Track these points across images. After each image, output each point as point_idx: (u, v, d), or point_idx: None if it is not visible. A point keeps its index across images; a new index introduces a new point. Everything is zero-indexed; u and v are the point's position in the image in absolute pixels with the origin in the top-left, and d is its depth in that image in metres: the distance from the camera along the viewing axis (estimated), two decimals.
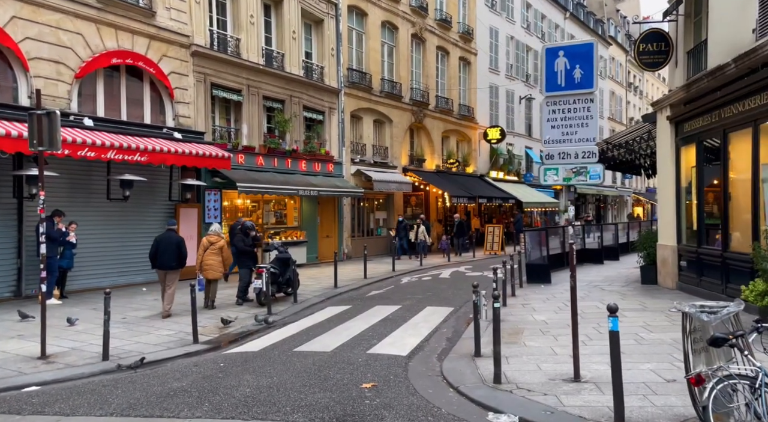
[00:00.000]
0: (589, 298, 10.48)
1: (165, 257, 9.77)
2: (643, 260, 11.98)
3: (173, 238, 9.97)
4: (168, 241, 9.86)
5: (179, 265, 9.95)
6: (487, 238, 22.54)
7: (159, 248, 9.83)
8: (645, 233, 12.53)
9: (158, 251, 9.82)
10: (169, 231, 10.13)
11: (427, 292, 12.30)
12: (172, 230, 10.21)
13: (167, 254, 9.75)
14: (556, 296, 11.07)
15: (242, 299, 11.28)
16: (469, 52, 27.96)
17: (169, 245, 9.81)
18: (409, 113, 23.70)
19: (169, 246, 9.79)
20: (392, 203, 22.98)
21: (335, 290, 12.97)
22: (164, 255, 9.77)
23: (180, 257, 9.87)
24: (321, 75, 19.57)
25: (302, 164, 18.43)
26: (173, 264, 9.84)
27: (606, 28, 46.48)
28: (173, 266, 9.85)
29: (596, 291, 11.40)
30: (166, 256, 9.76)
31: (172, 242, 9.86)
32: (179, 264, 9.94)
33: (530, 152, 33.76)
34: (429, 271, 16.71)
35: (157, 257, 9.84)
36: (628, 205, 51.29)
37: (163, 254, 9.77)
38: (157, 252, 9.82)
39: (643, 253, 12.02)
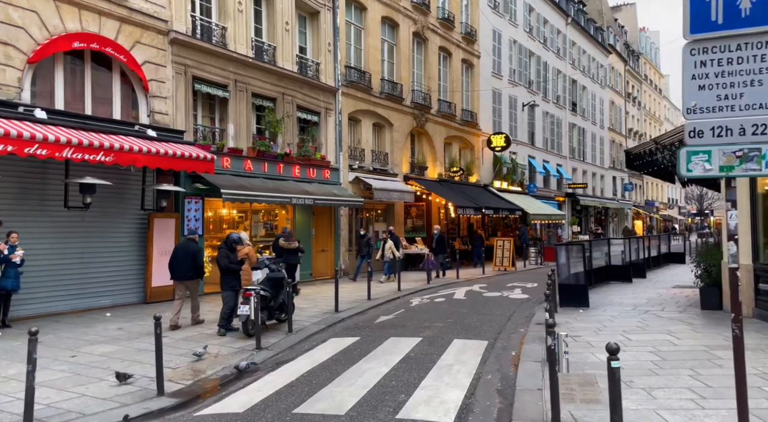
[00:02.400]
0: (652, 329, 8.61)
1: (182, 267, 9.56)
2: (701, 281, 10.16)
3: (190, 248, 9.71)
4: (185, 250, 9.64)
5: (197, 275, 9.81)
6: (496, 253, 20.68)
7: (176, 257, 9.63)
8: (705, 248, 10.72)
9: (175, 261, 9.62)
10: (188, 240, 9.94)
11: (446, 318, 10.35)
12: (192, 240, 9.93)
13: (184, 264, 9.51)
14: (606, 324, 9.19)
15: (225, 328, 9.28)
16: (472, 54, 26.36)
17: (186, 254, 9.57)
18: (410, 117, 21.92)
19: (186, 256, 9.56)
20: (392, 213, 21.07)
21: (337, 315, 10.98)
22: (181, 265, 9.56)
23: (196, 267, 9.66)
24: (316, 72, 17.73)
25: (295, 169, 16.49)
26: (190, 274, 9.66)
27: (606, 37, 45.42)
28: (190, 276, 9.68)
29: (652, 319, 9.54)
30: (183, 266, 9.53)
31: (189, 252, 9.61)
32: (196, 274, 9.79)
33: (533, 161, 32.16)
34: (439, 290, 14.77)
35: (174, 267, 9.65)
36: (628, 218, 49.89)
37: (180, 264, 9.57)
38: (174, 262, 9.63)
39: (700, 271, 10.19)
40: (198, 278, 9.95)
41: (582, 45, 40.64)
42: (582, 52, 40.61)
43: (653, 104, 61.10)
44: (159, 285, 12.38)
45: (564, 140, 37.26)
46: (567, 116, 37.84)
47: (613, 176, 46.85)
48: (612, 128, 46.72)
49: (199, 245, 10.46)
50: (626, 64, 50.79)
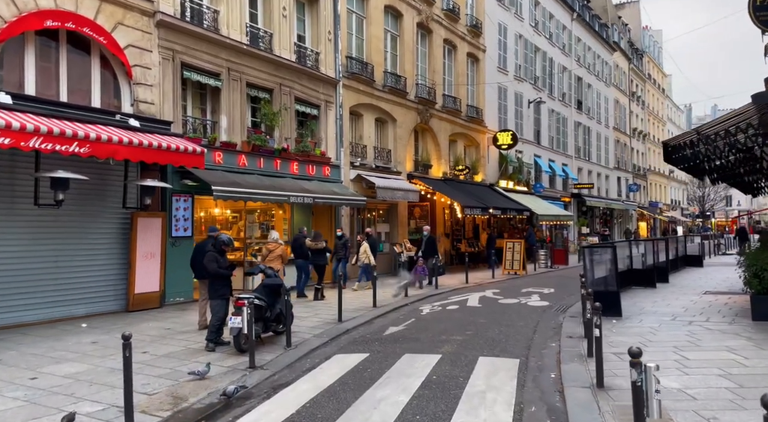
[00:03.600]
0: (706, 345, 7.48)
1: (201, 266, 8.90)
2: (750, 287, 9.03)
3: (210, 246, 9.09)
4: (204, 249, 8.94)
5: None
6: (506, 255, 19.54)
7: (197, 256, 9.26)
8: (755, 249, 9.59)
9: (196, 259, 9.29)
10: (208, 238, 9.55)
11: (464, 330, 9.20)
12: (213, 237, 9.27)
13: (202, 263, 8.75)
14: (649, 338, 8.06)
15: (214, 342, 8.12)
16: (477, 47, 25.26)
17: (205, 253, 8.73)
18: (414, 112, 20.79)
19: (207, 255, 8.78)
20: (396, 214, 19.92)
21: (340, 325, 9.82)
22: (200, 264, 8.96)
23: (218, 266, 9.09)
24: (316, 62, 16.58)
25: (293, 165, 15.33)
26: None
27: (610, 34, 44.43)
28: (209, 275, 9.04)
29: (701, 332, 8.41)
30: (202, 265, 8.78)
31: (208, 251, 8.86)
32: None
33: (539, 160, 31.08)
34: (449, 296, 13.62)
35: (195, 265, 9.38)
36: (633, 219, 48.87)
37: (199, 263, 9.07)
38: (195, 261, 9.33)
39: (749, 276, 9.06)
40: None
41: (587, 41, 39.63)
42: (587, 48, 39.60)
43: (656, 104, 60.14)
44: (143, 292, 11.21)
45: (570, 139, 36.20)
46: (572, 115, 36.79)
47: (618, 176, 45.83)
48: (617, 128, 45.71)
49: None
50: (630, 62, 49.82)
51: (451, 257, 22.37)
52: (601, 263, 11.09)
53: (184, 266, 12.01)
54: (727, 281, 15.94)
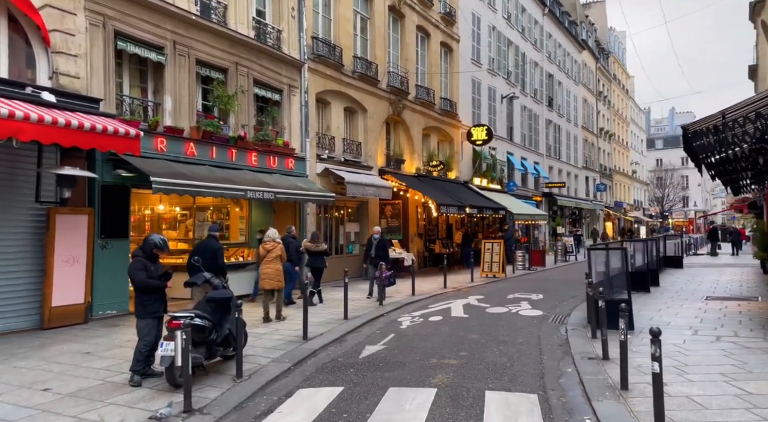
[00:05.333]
0: (757, 369, 6.12)
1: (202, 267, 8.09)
2: None
3: (211, 246, 8.96)
4: (205, 249, 8.81)
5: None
6: (484, 257, 18.15)
7: (196, 257, 8.38)
8: None
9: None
10: (210, 238, 9.21)
11: (456, 350, 7.63)
12: (213, 237, 9.22)
13: (204, 264, 8.11)
14: (680, 360, 6.69)
15: (141, 372, 6.30)
16: (451, 37, 23.87)
17: (207, 254, 8.56)
18: (386, 103, 19.18)
19: (206, 255, 8.49)
20: (366, 212, 18.27)
21: (306, 345, 8.10)
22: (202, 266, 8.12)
23: (217, 268, 8.51)
24: (278, 41, 14.75)
25: (252, 156, 13.47)
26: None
27: (579, 32, 44.00)
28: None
29: (738, 350, 7.09)
30: (204, 266, 8.08)
31: (209, 251, 8.77)
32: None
33: (512, 158, 29.99)
34: (430, 305, 12.05)
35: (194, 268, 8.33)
36: (600, 219, 48.69)
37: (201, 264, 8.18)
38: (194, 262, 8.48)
39: None
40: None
41: (558, 38, 38.95)
42: (558, 45, 38.93)
43: (621, 104, 60.47)
44: (63, 305, 9.19)
45: (541, 136, 35.35)
46: (544, 112, 35.97)
47: (586, 176, 45.48)
48: (585, 127, 45.33)
49: (219, 244, 9.36)
50: (597, 61, 49.66)
51: (425, 259, 20.87)
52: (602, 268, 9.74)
53: (117, 274, 10.07)
54: (719, 284, 14.99)
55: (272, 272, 9.81)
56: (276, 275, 9.82)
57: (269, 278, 9.79)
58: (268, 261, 9.88)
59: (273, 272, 9.81)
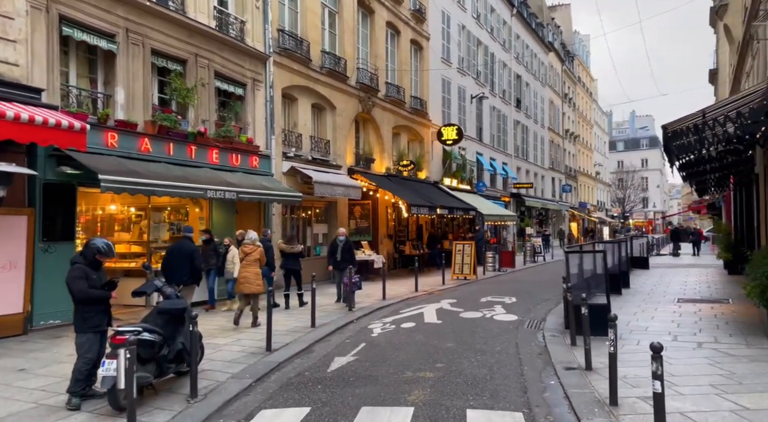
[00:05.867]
0: (748, 381, 5.83)
1: (176, 270, 8.60)
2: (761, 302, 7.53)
3: (186, 248, 8.88)
4: (180, 251, 8.79)
5: (192, 280, 8.88)
6: (455, 258, 17.79)
7: (170, 260, 8.86)
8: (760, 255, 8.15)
9: (170, 262, 8.84)
10: (183, 239, 9.16)
11: (432, 361, 7.14)
12: (188, 238, 9.19)
13: (179, 266, 8.52)
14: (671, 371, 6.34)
15: (80, 394, 5.59)
16: (421, 35, 23.48)
17: (181, 256, 8.68)
18: (355, 100, 18.62)
19: (181, 257, 8.67)
20: (334, 213, 17.66)
21: (269, 357, 7.48)
22: (175, 268, 8.64)
23: (193, 270, 8.72)
24: (241, 32, 14.00)
25: (213, 154, 12.71)
26: (185, 279, 8.62)
27: (545, 34, 44.41)
28: (185, 281, 8.60)
29: (722, 358, 6.85)
30: (178, 269, 8.54)
31: (184, 253, 8.74)
32: (192, 279, 8.86)
33: (481, 158, 29.88)
34: (401, 310, 11.55)
35: (168, 270, 8.71)
36: (565, 219, 49.32)
37: (174, 267, 8.68)
38: (168, 265, 8.84)
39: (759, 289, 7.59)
40: (194, 283, 8.89)
41: (525, 40, 39.15)
42: (525, 46, 39.13)
43: (585, 107, 61.51)
44: None
45: (510, 137, 35.41)
46: (512, 113, 36.06)
47: (552, 176, 45.97)
48: (551, 128, 45.81)
49: (195, 245, 9.27)
50: (563, 64, 50.29)
51: (395, 261, 20.40)
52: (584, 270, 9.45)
53: (61, 280, 9.18)
54: (688, 286, 15.01)
55: (251, 276, 9.40)
56: (255, 279, 9.42)
57: (248, 283, 9.40)
58: (246, 265, 9.48)
59: (252, 275, 9.41)
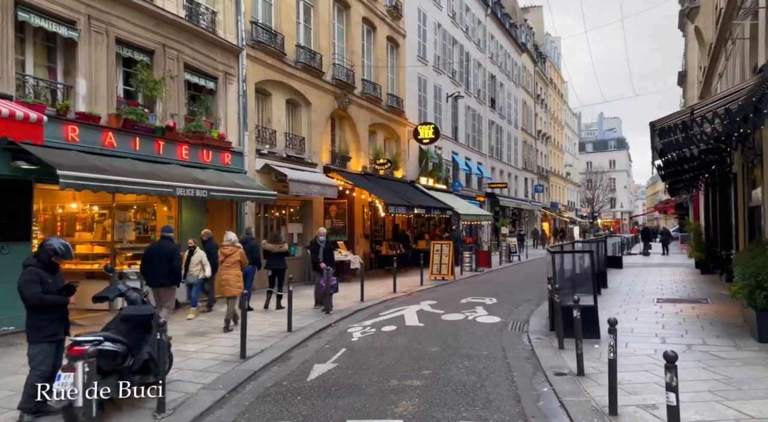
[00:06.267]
0: (746, 387, 5.66)
1: (155, 271, 8.38)
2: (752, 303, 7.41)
3: (165, 248, 8.54)
4: (159, 252, 8.46)
5: (172, 281, 8.57)
6: (433, 258, 17.52)
7: (149, 260, 8.54)
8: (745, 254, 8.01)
9: (149, 263, 8.51)
10: (163, 239, 8.78)
11: (418, 368, 6.79)
12: (168, 238, 8.81)
13: (158, 267, 8.28)
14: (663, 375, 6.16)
15: (33, 410, 5.07)
16: (397, 32, 23.16)
17: (161, 257, 8.36)
18: (331, 96, 18.16)
19: (160, 258, 8.36)
20: (310, 212, 17.17)
21: (244, 365, 7.02)
22: (155, 269, 8.38)
23: (172, 271, 8.44)
24: (212, 23, 13.40)
25: (182, 149, 12.10)
26: (163, 280, 8.43)
27: (518, 35, 44.69)
28: (163, 282, 8.45)
29: (717, 362, 6.69)
30: (157, 270, 8.32)
31: (163, 254, 8.41)
32: (171, 280, 8.55)
33: (457, 158, 29.75)
34: (381, 312, 11.18)
35: (147, 271, 8.53)
36: (537, 219, 49.78)
37: (153, 267, 8.41)
38: (147, 266, 8.53)
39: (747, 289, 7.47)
40: (174, 284, 8.60)
41: (499, 40, 39.27)
42: (500, 46, 39.25)
43: (557, 108, 62.30)
44: None
45: (484, 137, 35.44)
46: (487, 113, 36.10)
47: (525, 177, 46.32)
48: (524, 129, 46.15)
49: (176, 245, 8.98)
50: (536, 65, 50.77)
51: (371, 261, 20.02)
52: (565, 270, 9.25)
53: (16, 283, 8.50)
54: (664, 285, 15.06)
55: (232, 279, 9.17)
56: (236, 282, 9.17)
57: (229, 285, 9.14)
58: (227, 267, 9.23)
59: (233, 278, 9.18)
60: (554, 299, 8.11)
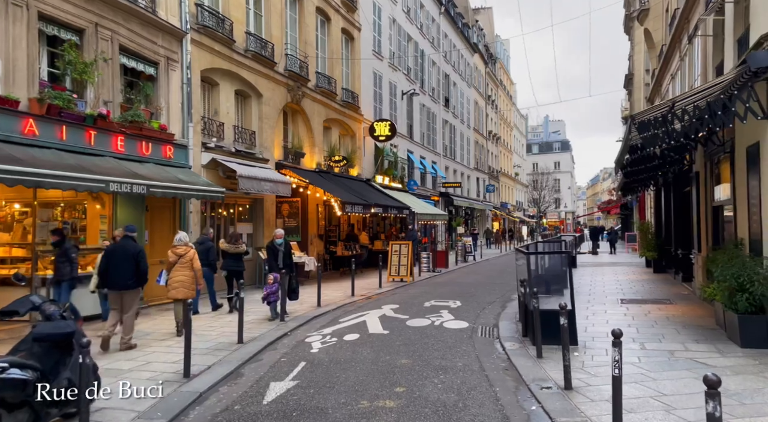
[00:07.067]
0: (749, 401, 5.27)
1: (119, 273, 7.66)
2: (731, 306, 7.13)
3: (130, 248, 7.81)
4: (123, 252, 7.74)
5: (137, 283, 7.82)
6: (391, 259, 16.84)
7: (111, 261, 7.75)
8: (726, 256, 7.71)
9: (110, 266, 7.74)
10: (126, 239, 8.00)
11: (390, 384, 6.07)
12: (131, 238, 8.03)
13: (122, 269, 7.61)
14: (661, 389, 5.72)
15: None
16: (352, 24, 22.37)
17: (125, 257, 7.69)
18: (283, 88, 17.16)
19: (125, 259, 7.68)
20: (261, 211, 16.11)
21: (187, 386, 6.07)
22: (118, 271, 7.66)
23: (138, 272, 7.74)
24: (152, 3, 12.18)
25: (118, 140, 10.86)
26: (129, 282, 7.72)
27: (470, 35, 44.84)
28: (129, 284, 7.73)
29: (699, 368, 6.32)
30: (121, 272, 7.63)
31: (128, 254, 7.71)
32: (137, 282, 7.81)
33: (412, 156, 29.28)
34: (341, 318, 10.38)
35: (108, 273, 7.75)
36: (489, 219, 50.20)
37: (116, 269, 7.67)
38: (108, 268, 7.74)
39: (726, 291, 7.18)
40: (138, 286, 7.90)
41: (453, 39, 39.19)
42: (453, 46, 39.16)
43: (506, 110, 63.22)
44: None
45: (438, 136, 35.19)
46: (441, 112, 35.88)
47: (477, 177, 46.55)
48: (476, 129, 46.37)
49: (140, 245, 8.27)
50: (487, 66, 51.19)
51: (326, 263, 19.14)
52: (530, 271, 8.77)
53: None
54: (621, 284, 15.03)
55: (186, 280, 8.68)
56: (190, 284, 8.71)
57: (183, 287, 8.64)
58: (180, 268, 8.71)
59: (187, 279, 8.69)
60: (531, 304, 7.57)
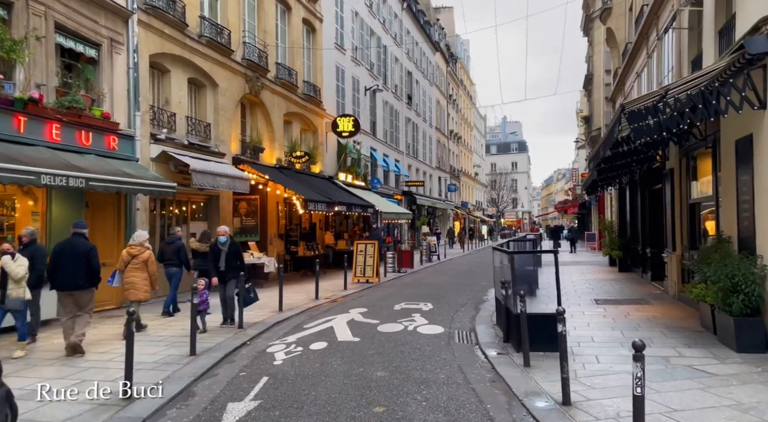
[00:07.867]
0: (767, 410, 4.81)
1: (68, 273, 7.11)
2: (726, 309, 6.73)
3: (80, 246, 7.29)
4: (72, 251, 7.22)
5: (90, 282, 7.29)
6: (356, 260, 16.08)
7: (59, 261, 7.18)
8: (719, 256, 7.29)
9: (58, 265, 7.18)
10: (75, 236, 7.44)
11: (367, 402, 5.33)
12: (81, 235, 7.48)
13: (72, 268, 7.07)
14: (668, 403, 5.22)
15: None
16: (314, 15, 21.46)
17: (75, 256, 7.16)
18: (241, 79, 16.12)
19: (75, 258, 7.14)
20: (216, 209, 15.04)
21: (127, 409, 5.17)
22: (67, 271, 7.10)
23: (90, 272, 7.23)
24: None
25: (52, 129, 9.66)
26: (81, 282, 7.18)
27: (432, 33, 44.55)
28: (81, 284, 7.18)
29: (710, 380, 5.88)
30: (71, 271, 7.08)
31: (79, 252, 7.20)
32: (90, 281, 7.29)
33: (375, 154, 28.59)
34: (306, 323, 9.55)
35: (56, 273, 7.18)
36: (450, 218, 50.11)
37: (65, 269, 7.12)
38: (57, 267, 7.18)
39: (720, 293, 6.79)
40: (91, 286, 7.31)
41: (415, 36, 38.74)
42: (415, 43, 38.71)
43: (466, 110, 63.45)
44: None
45: (401, 134, 34.64)
46: (404, 110, 35.35)
47: (439, 176, 46.35)
48: (438, 128, 46.15)
49: (91, 243, 7.59)
50: (448, 65, 51.09)
51: (286, 263, 18.19)
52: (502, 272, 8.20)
53: None
54: (590, 283, 14.82)
55: (138, 282, 8.42)
56: (144, 285, 8.46)
57: (134, 289, 8.42)
58: (133, 269, 8.44)
59: (138, 281, 8.43)
60: (517, 307, 6.98)
